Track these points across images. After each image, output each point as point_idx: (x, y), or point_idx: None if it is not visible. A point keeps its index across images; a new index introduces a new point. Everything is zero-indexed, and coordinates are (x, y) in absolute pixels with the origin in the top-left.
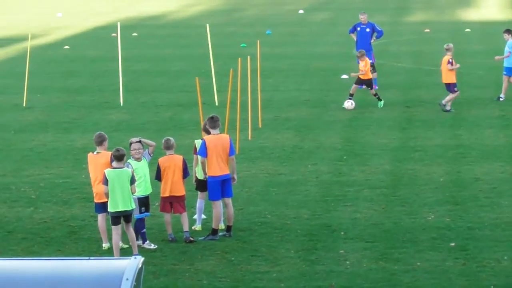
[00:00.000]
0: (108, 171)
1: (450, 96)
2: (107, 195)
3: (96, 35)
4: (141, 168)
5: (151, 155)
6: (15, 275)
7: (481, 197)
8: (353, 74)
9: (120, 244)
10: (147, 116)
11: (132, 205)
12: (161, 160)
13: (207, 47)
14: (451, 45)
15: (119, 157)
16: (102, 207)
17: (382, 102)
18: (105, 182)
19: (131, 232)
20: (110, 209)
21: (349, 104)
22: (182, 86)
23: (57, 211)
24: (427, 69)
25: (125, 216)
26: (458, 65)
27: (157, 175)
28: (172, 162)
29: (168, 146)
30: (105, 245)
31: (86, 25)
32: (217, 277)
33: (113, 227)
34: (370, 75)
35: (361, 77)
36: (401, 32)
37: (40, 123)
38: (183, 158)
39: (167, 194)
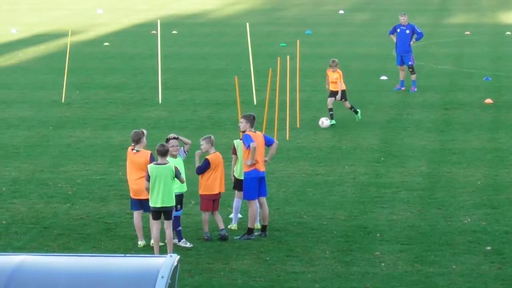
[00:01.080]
0: (150, 167)
1: None
2: (147, 190)
3: (136, 32)
4: (176, 165)
5: (187, 153)
6: (51, 271)
7: None
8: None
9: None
10: (185, 114)
11: (173, 202)
12: (211, 157)
13: (247, 46)
14: None
15: (163, 153)
16: (138, 204)
17: (359, 115)
18: (148, 177)
19: (169, 231)
20: (150, 204)
21: (323, 121)
22: (221, 84)
23: (94, 207)
24: (466, 72)
25: (165, 212)
26: None
27: (203, 170)
28: (219, 159)
29: (212, 144)
30: (141, 243)
31: (126, 22)
32: (251, 276)
33: (153, 221)
34: (343, 87)
35: (332, 89)
36: (441, 34)
37: (79, 119)
38: None
39: (216, 191)
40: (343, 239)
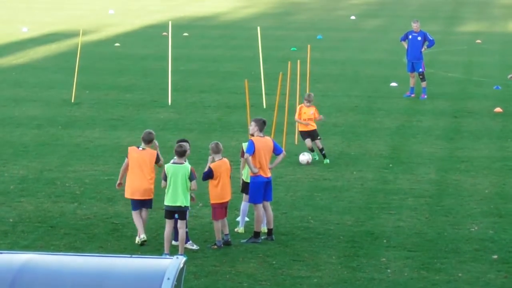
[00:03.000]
0: (168, 166)
1: None
2: (164, 188)
3: (147, 33)
4: None
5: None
6: (57, 270)
7: None
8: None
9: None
10: (194, 116)
11: (187, 202)
12: (214, 165)
13: (258, 49)
14: None
15: (181, 153)
16: (138, 203)
17: (327, 160)
18: (164, 176)
19: (182, 231)
20: (165, 202)
21: (304, 157)
22: (231, 87)
23: (101, 207)
24: (476, 80)
25: (180, 212)
26: None
27: (205, 178)
28: (225, 166)
29: (218, 151)
30: (141, 236)
31: (138, 23)
32: (257, 280)
33: (166, 220)
34: (313, 126)
35: (304, 128)
36: (452, 42)
37: (88, 119)
38: None
39: (228, 198)
40: (350, 245)
